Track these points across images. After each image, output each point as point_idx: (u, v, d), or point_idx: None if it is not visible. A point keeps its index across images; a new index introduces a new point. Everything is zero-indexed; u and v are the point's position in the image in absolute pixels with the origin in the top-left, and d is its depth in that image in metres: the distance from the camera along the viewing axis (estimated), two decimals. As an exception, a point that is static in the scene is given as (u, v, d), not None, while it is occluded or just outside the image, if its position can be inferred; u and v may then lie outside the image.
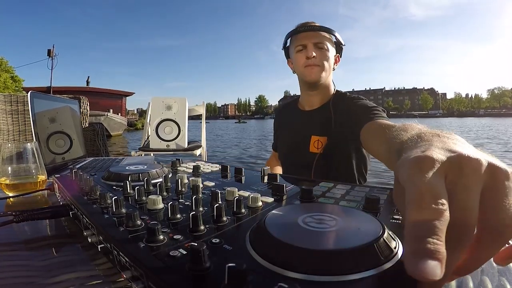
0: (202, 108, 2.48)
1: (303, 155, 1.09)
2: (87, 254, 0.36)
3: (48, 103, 1.00)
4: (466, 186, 0.20)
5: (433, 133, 0.32)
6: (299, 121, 1.17)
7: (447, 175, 0.21)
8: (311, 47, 1.03)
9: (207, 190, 0.45)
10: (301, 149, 1.10)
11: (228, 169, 0.61)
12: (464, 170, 0.21)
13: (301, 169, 1.10)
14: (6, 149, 0.65)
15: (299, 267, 0.21)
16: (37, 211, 0.44)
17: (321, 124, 1.07)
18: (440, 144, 0.25)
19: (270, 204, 0.38)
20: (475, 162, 0.21)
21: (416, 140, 0.31)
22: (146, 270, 0.23)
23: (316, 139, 1.07)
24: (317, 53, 1.04)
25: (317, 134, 1.07)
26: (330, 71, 1.08)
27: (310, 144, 1.08)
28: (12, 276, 0.31)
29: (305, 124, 1.14)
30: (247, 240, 0.26)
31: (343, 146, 1.03)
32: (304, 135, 1.11)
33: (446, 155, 0.22)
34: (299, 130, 1.15)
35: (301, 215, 0.27)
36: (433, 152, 0.22)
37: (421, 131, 0.36)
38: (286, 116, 1.29)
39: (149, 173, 0.53)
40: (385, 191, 0.42)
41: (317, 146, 1.06)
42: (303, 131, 1.12)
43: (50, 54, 16.30)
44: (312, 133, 1.08)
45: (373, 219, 0.26)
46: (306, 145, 1.09)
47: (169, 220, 0.32)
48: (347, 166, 1.06)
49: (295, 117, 1.21)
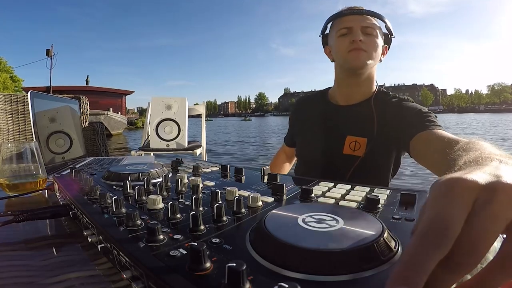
0: (202, 107, 2.48)
1: (336, 158, 0.95)
2: (87, 254, 0.36)
3: (48, 103, 1.00)
4: (492, 213, 0.18)
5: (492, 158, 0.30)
6: (331, 117, 1.00)
7: (478, 198, 0.19)
8: (357, 30, 0.90)
9: (207, 190, 0.45)
10: (333, 150, 0.96)
11: (228, 168, 0.61)
12: (497, 196, 0.19)
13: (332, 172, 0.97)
14: (6, 149, 0.65)
15: (299, 267, 0.21)
16: (37, 211, 0.44)
17: (360, 123, 0.93)
18: (489, 169, 0.23)
19: (270, 204, 0.38)
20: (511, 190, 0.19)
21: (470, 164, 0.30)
22: (146, 270, 0.23)
23: (352, 139, 0.93)
24: (365, 39, 0.89)
25: (355, 134, 0.92)
26: (377, 61, 0.94)
27: (344, 144, 0.93)
28: (12, 276, 0.31)
29: (340, 121, 0.98)
30: (247, 240, 0.26)
31: (385, 151, 0.92)
32: (337, 133, 0.96)
33: (486, 179, 0.21)
34: (331, 127, 0.99)
35: (301, 215, 0.27)
36: (470, 176, 0.21)
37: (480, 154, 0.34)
38: (311, 110, 1.10)
39: (149, 173, 0.53)
40: (385, 191, 0.42)
41: (353, 148, 0.92)
42: (337, 129, 0.97)
43: (49, 53, 16.29)
44: (348, 132, 0.94)
45: (373, 219, 0.26)
46: (339, 146, 0.94)
47: (169, 220, 0.32)
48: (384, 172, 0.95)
49: (325, 112, 1.03)
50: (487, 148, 0.43)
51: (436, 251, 0.17)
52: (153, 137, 1.87)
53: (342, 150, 0.94)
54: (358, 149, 0.92)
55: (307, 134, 1.08)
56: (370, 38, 0.91)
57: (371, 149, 0.90)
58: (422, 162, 0.78)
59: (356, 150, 0.92)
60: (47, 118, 0.96)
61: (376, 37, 0.92)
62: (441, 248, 0.17)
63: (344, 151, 0.93)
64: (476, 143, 0.49)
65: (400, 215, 0.32)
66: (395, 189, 0.43)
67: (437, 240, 0.18)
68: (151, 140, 1.88)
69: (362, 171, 0.91)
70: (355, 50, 0.89)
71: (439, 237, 0.18)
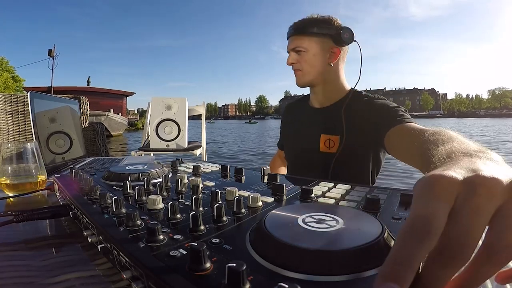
0: (202, 108, 2.48)
1: (314, 155, 1.04)
2: (87, 254, 0.36)
3: (48, 103, 1.00)
4: (474, 207, 0.19)
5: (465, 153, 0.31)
6: (308, 118, 1.11)
7: (459, 194, 0.20)
8: (291, 54, 1.03)
9: (207, 190, 0.45)
10: (311, 148, 1.04)
11: (228, 169, 0.61)
12: (477, 190, 0.20)
13: (312, 170, 1.05)
14: (6, 149, 0.65)
15: (299, 267, 0.21)
16: (37, 211, 0.44)
17: (332, 123, 1.01)
18: (465, 164, 0.24)
19: (270, 204, 0.38)
20: (491, 182, 0.20)
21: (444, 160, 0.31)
22: (146, 270, 0.23)
23: (326, 137, 1.01)
24: (297, 58, 1.01)
25: (328, 132, 1.01)
26: (316, 72, 1.01)
27: (320, 142, 1.02)
28: (12, 276, 0.31)
29: (315, 121, 1.07)
30: (247, 240, 0.26)
31: (361, 147, 0.98)
32: (314, 133, 1.05)
33: (464, 175, 0.21)
34: (309, 127, 1.09)
35: (301, 215, 0.27)
36: (449, 172, 0.21)
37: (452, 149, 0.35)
38: (295, 114, 1.22)
39: (149, 173, 0.53)
40: (385, 191, 0.42)
41: (328, 145, 1.01)
42: (313, 129, 1.06)
43: (51, 54, 16.30)
44: (322, 131, 1.03)
45: (373, 219, 0.26)
46: (316, 144, 1.03)
47: (169, 220, 0.32)
48: (364, 169, 1.00)
49: (304, 114, 1.15)
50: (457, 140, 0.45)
51: (420, 247, 0.18)
52: (153, 137, 1.87)
53: (319, 148, 1.02)
54: (333, 147, 1.00)
55: (290, 136, 1.21)
56: (303, 56, 1.00)
57: (344, 146, 0.97)
58: (398, 156, 0.81)
59: (331, 148, 1.00)
60: (47, 118, 0.96)
61: (308, 52, 0.99)
62: (424, 244, 0.18)
63: (320, 149, 1.02)
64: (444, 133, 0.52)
65: (400, 215, 0.32)
66: (395, 189, 0.43)
67: (421, 237, 0.18)
68: (151, 141, 1.88)
69: (342, 169, 0.98)
70: (294, 71, 1.04)
71: (422, 233, 0.18)
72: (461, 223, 0.19)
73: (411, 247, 0.18)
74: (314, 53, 0.99)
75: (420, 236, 0.18)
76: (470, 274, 0.19)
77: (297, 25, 1.01)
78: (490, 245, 0.19)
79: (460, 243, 0.18)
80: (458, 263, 0.18)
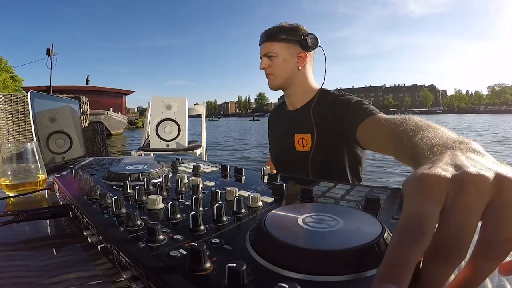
0: (202, 107, 2.48)
1: (291, 154, 1.10)
2: (87, 254, 0.36)
3: (48, 103, 0.99)
4: (465, 205, 0.20)
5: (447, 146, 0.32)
6: (284, 120, 1.20)
7: (449, 193, 0.21)
8: (263, 59, 1.10)
9: (207, 190, 0.45)
10: (288, 148, 1.11)
11: (228, 169, 0.61)
12: (466, 188, 0.20)
13: (292, 169, 1.12)
14: (6, 149, 0.65)
15: (299, 267, 0.21)
16: (37, 211, 0.44)
17: (303, 122, 1.07)
18: (449, 159, 0.25)
19: (270, 204, 0.39)
20: (478, 179, 0.20)
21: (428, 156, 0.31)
22: (146, 270, 0.23)
23: (299, 137, 1.08)
24: (269, 63, 1.09)
25: (300, 132, 1.08)
26: (286, 75, 1.09)
27: (295, 142, 1.09)
28: (12, 276, 0.31)
29: (289, 123, 1.16)
30: (247, 240, 0.26)
31: (332, 144, 1.03)
32: (289, 134, 1.12)
33: (451, 172, 0.22)
34: (285, 128, 1.17)
35: (301, 215, 0.27)
36: (437, 169, 0.22)
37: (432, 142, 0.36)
38: (275, 118, 1.33)
39: (149, 173, 0.53)
40: (385, 191, 0.42)
41: (302, 144, 1.07)
42: (288, 130, 1.14)
43: (49, 53, 16.28)
44: (295, 131, 1.10)
45: (373, 219, 0.26)
46: (291, 144, 1.10)
47: (169, 220, 0.32)
48: (339, 165, 1.04)
49: (281, 117, 1.24)
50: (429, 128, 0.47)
51: (415, 247, 0.18)
52: (153, 137, 1.87)
53: (294, 147, 1.09)
54: (306, 145, 1.06)
55: (272, 139, 1.30)
56: (274, 61, 1.08)
57: (317, 144, 1.03)
58: (373, 148, 0.84)
59: (304, 146, 1.07)
60: (47, 118, 0.96)
61: (278, 57, 1.07)
62: (418, 244, 0.18)
63: (296, 148, 1.09)
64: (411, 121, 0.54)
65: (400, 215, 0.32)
66: (395, 189, 0.43)
67: (414, 238, 0.19)
68: (151, 140, 1.88)
69: (319, 167, 1.04)
70: (266, 75, 1.12)
71: (415, 234, 0.19)
72: (453, 222, 0.19)
73: (406, 247, 0.18)
74: (283, 58, 1.08)
75: (414, 236, 0.19)
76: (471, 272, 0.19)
77: (268, 32, 1.09)
78: (487, 241, 0.19)
79: (455, 241, 0.19)
80: (455, 261, 0.19)
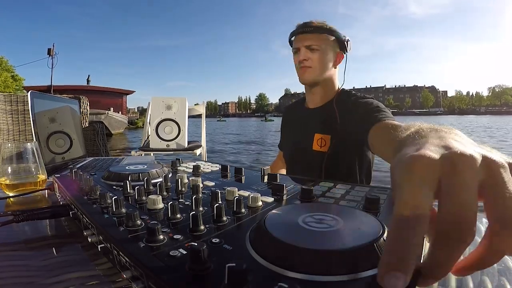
0: (202, 107, 2.48)
1: (307, 154, 1.08)
2: (87, 254, 0.36)
3: (48, 103, 0.99)
4: (461, 183, 0.20)
5: (431, 128, 0.32)
6: (304, 119, 1.18)
7: (442, 174, 0.21)
8: (303, 50, 1.06)
9: (207, 190, 0.45)
10: (305, 147, 1.09)
11: (228, 168, 0.61)
12: (457, 167, 0.20)
13: (306, 169, 1.10)
14: (6, 149, 0.65)
15: (299, 267, 0.21)
16: (37, 211, 0.44)
17: (324, 122, 1.06)
18: (436, 141, 0.25)
19: (270, 204, 0.38)
20: (468, 158, 0.21)
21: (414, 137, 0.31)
22: (146, 270, 0.23)
23: (319, 137, 1.06)
24: (310, 56, 1.05)
25: (320, 132, 1.06)
26: (325, 71, 1.08)
27: (313, 142, 1.07)
28: (12, 276, 0.31)
29: (309, 121, 1.14)
30: (247, 240, 0.26)
31: (348, 146, 1.02)
32: (307, 132, 1.10)
33: (440, 152, 0.22)
34: (303, 127, 1.15)
35: (301, 215, 0.27)
36: (426, 151, 0.22)
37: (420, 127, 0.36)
38: (292, 114, 1.30)
39: (149, 173, 0.53)
40: (385, 191, 0.42)
41: (321, 144, 1.06)
42: (307, 129, 1.12)
43: (50, 53, 16.29)
44: (315, 130, 1.08)
45: (373, 219, 0.26)
46: (309, 143, 1.08)
47: (169, 220, 0.32)
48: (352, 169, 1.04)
49: (300, 115, 1.21)
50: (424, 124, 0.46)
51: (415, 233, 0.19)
52: (153, 137, 1.87)
53: (312, 146, 1.08)
54: (324, 146, 1.05)
55: (287, 136, 1.28)
56: (315, 54, 1.05)
57: (334, 145, 1.02)
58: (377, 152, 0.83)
59: (322, 147, 1.05)
60: (47, 118, 0.96)
61: (322, 51, 1.05)
62: (417, 229, 0.19)
63: (313, 147, 1.07)
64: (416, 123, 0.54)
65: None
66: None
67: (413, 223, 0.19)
68: (151, 140, 1.88)
69: (332, 167, 1.03)
70: (302, 68, 1.07)
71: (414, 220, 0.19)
72: (456, 201, 0.19)
73: (407, 234, 0.19)
74: (326, 53, 1.06)
75: (413, 222, 0.19)
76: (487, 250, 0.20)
77: (313, 25, 1.06)
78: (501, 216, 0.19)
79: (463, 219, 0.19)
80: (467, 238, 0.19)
